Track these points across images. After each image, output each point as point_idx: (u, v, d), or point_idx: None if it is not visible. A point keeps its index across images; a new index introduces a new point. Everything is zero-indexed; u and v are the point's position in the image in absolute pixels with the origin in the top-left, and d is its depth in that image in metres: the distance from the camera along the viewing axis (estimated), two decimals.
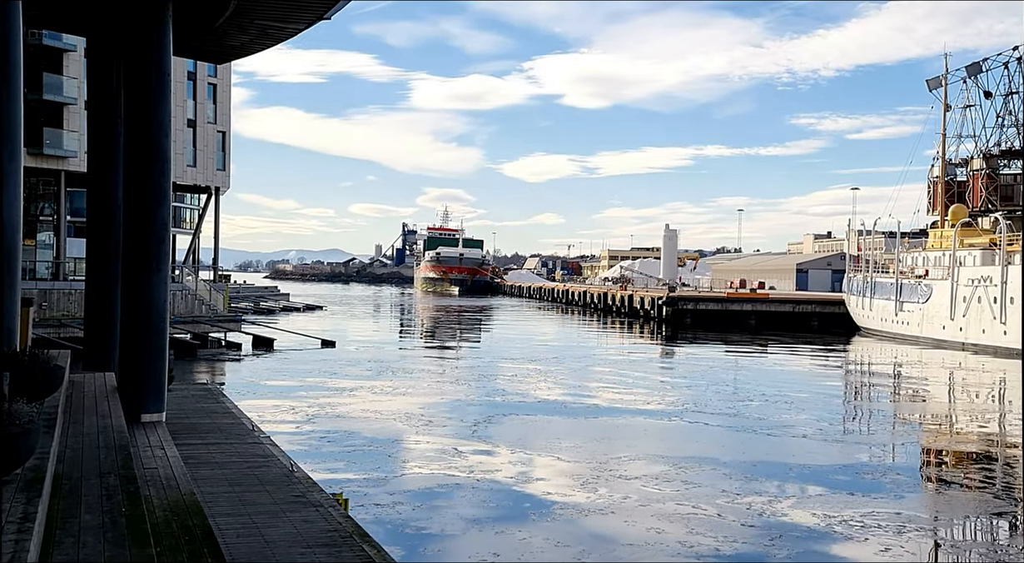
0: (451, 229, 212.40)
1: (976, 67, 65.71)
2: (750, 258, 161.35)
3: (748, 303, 75.29)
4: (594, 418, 26.20)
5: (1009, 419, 28.84)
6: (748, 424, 25.21)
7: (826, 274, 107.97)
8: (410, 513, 15.20)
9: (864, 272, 69.92)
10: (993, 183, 63.17)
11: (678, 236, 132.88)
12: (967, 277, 55.43)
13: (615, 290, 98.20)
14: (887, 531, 14.53)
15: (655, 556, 13.18)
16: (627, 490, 17.02)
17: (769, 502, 16.27)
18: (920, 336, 60.04)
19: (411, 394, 29.90)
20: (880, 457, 21.21)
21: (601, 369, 40.55)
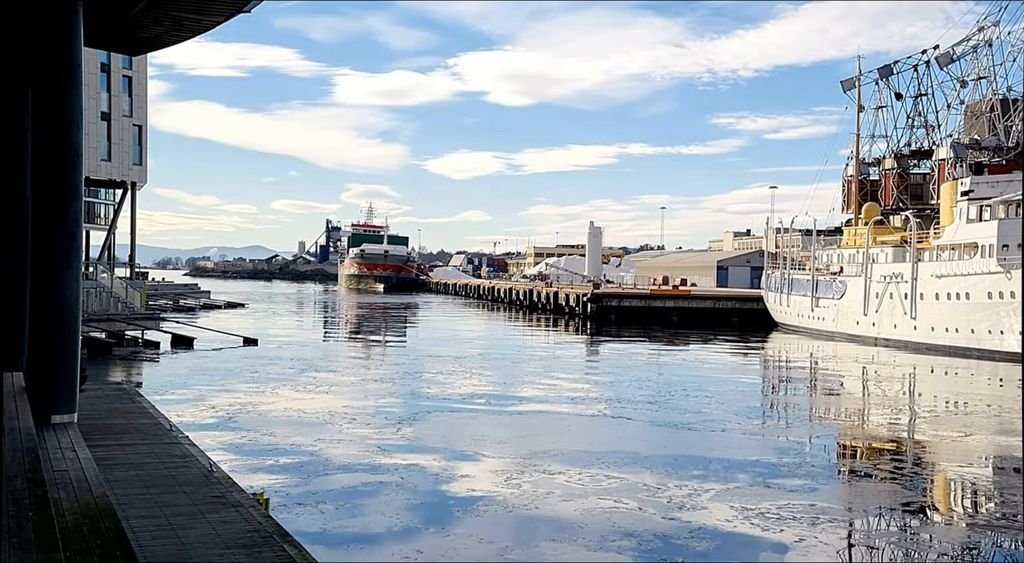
0: (376, 226, 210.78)
1: (888, 69, 67.84)
2: (673, 255, 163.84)
3: (671, 300, 76.47)
4: (519, 414, 26.31)
5: (918, 411, 29.85)
6: (669, 418, 25.61)
7: (746, 271, 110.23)
8: (333, 512, 15.06)
9: (782, 269, 71.61)
10: (904, 182, 65.34)
11: (603, 233, 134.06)
12: (879, 274, 57.20)
13: (541, 287, 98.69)
14: (802, 522, 14.91)
15: (577, 550, 13.31)
16: (551, 485, 17.14)
17: (689, 496, 16.56)
18: (835, 331, 61.75)
19: (335, 392, 29.61)
20: (796, 450, 21.74)
21: (526, 366, 40.74)
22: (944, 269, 50.45)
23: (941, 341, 50.13)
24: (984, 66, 58.26)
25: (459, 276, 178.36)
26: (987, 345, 46.83)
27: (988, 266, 46.90)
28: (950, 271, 49.83)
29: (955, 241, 50.66)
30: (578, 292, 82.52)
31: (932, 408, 30.47)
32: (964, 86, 60.73)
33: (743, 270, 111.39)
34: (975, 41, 58.78)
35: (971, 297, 47.91)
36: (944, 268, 50.51)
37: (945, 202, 54.33)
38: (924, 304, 51.94)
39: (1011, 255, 46.00)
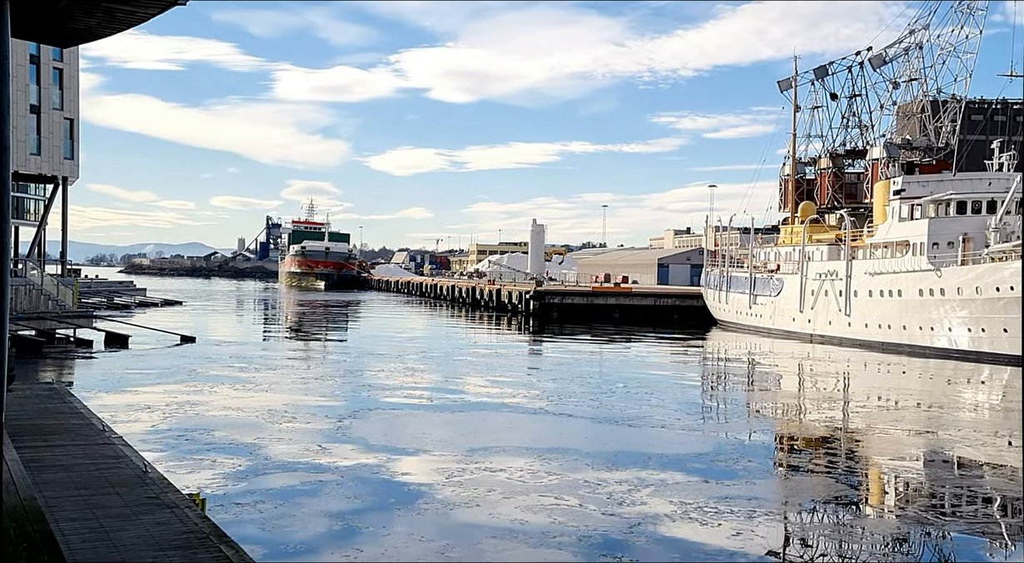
0: (317, 223, 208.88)
1: (823, 70, 69.19)
2: (614, 253, 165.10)
3: (612, 297, 77.05)
4: (461, 412, 26.28)
5: (851, 406, 30.51)
6: (610, 415, 25.81)
7: (686, 269, 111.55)
8: (272, 511, 14.88)
9: (720, 267, 72.61)
10: (839, 181, 66.71)
11: (545, 231, 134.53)
12: (815, 271, 58.33)
13: (483, 285, 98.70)
14: (739, 516, 15.15)
15: (518, 547, 13.34)
16: (492, 483, 17.15)
17: (629, 491, 16.71)
18: (772, 328, 62.82)
19: (275, 390, 29.26)
20: (734, 445, 22.07)
21: (469, 363, 40.71)
22: (877, 267, 51.63)
23: (874, 337, 51.29)
24: (915, 68, 59.72)
25: (401, 273, 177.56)
26: (918, 341, 48.05)
27: (919, 264, 48.11)
28: (882, 269, 51.01)
29: (887, 239, 51.87)
30: (521, 290, 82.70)
31: (865, 403, 31.16)
32: (896, 87, 62.19)
33: (683, 268, 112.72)
34: (906, 43, 60.24)
35: (903, 294, 49.09)
36: (877, 266, 51.69)
37: (878, 201, 55.59)
38: (858, 301, 53.09)
39: (941, 253, 47.25)
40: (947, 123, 58.31)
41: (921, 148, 58.78)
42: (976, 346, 44.47)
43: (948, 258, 46.72)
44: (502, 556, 12.95)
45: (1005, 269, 42.52)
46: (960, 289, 44.93)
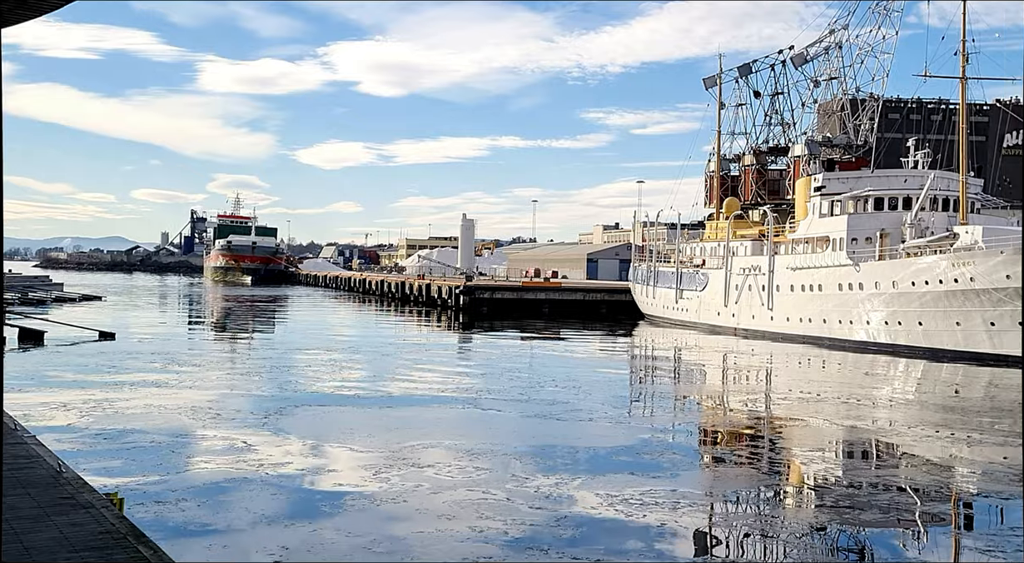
0: (243, 217, 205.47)
1: (747, 68, 70.46)
2: (544, 248, 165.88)
3: (542, 292, 77.42)
4: (389, 408, 26.14)
5: (773, 399, 31.19)
6: (539, 410, 25.94)
7: (614, 264, 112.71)
8: (195, 510, 14.62)
9: (648, 262, 73.51)
10: (762, 178, 68.03)
11: (475, 226, 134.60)
12: (739, 266, 59.42)
13: (413, 279, 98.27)
14: (663, 507, 15.37)
15: (446, 541, 13.34)
16: (419, 478, 17.11)
17: (556, 485, 16.82)
18: (698, 322, 63.85)
19: (198, 387, 28.71)
20: (659, 438, 22.38)
21: (397, 359, 40.51)
22: (798, 262, 52.82)
23: (795, 331, 52.50)
24: (835, 67, 61.21)
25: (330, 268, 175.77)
26: (838, 335, 49.31)
27: (839, 259, 49.35)
28: (803, 264, 52.20)
29: (809, 235, 53.09)
30: (450, 284, 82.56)
31: (786, 395, 31.87)
32: (817, 86, 63.67)
33: (612, 263, 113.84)
34: (827, 43, 61.70)
35: (823, 289, 50.32)
36: (798, 261, 52.88)
37: (800, 197, 56.83)
38: (780, 295, 54.25)
39: (860, 248, 48.53)
40: (865, 121, 59.92)
41: (841, 145, 60.30)
42: (893, 339, 45.82)
43: (866, 253, 48.02)
44: (429, 551, 12.93)
45: (920, 264, 43.89)
46: (877, 283, 46.24)
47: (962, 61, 46.43)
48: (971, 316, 41.64)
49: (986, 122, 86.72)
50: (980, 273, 40.33)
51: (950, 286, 41.84)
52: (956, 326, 42.47)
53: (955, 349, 42.51)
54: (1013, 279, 39.01)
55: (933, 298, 42.96)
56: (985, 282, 40.21)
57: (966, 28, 46.21)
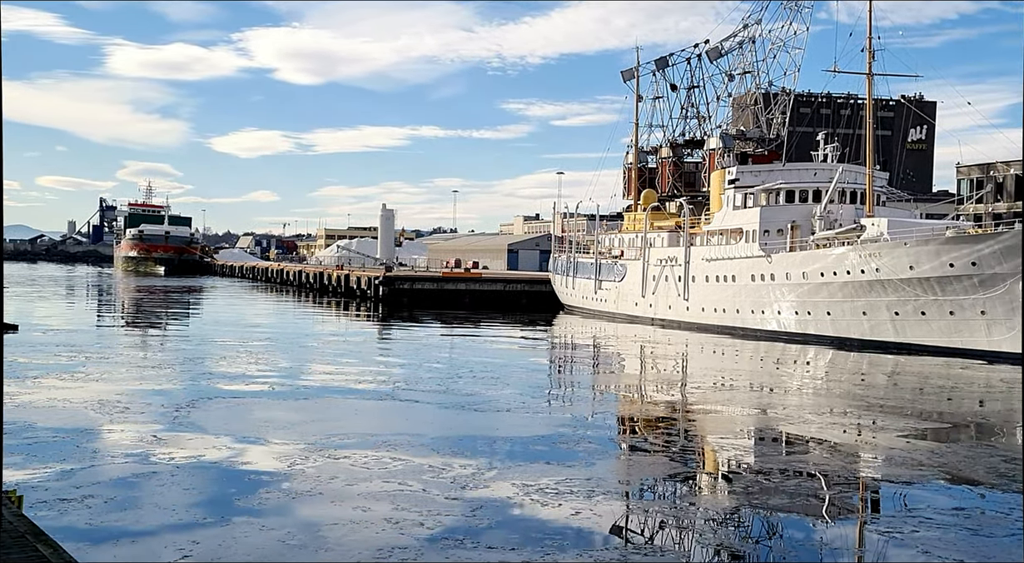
0: (155, 205, 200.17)
1: (664, 61, 71.35)
2: (465, 238, 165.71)
3: (463, 282, 77.35)
4: (305, 399, 25.83)
5: (688, 388, 31.78)
6: (457, 400, 25.95)
7: (535, 254, 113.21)
8: (101, 507, 14.23)
9: (568, 253, 74.05)
10: (679, 170, 69.08)
11: (395, 216, 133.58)
12: (656, 257, 60.31)
13: (331, 270, 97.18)
14: (578, 496, 15.54)
15: (360, 532, 13.25)
16: (335, 470, 16.96)
17: (473, 475, 16.86)
18: (616, 312, 64.62)
19: (107, 380, 27.91)
20: (576, 427, 22.59)
21: (315, 350, 40.05)
22: (713, 253, 53.85)
23: (711, 321, 53.55)
24: (748, 62, 62.46)
25: (247, 258, 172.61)
26: (751, 324, 50.45)
27: (751, 250, 50.46)
28: (718, 255, 53.25)
29: (723, 227, 54.15)
30: (370, 275, 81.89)
31: (700, 384, 32.52)
32: (731, 80, 64.85)
33: (532, 253, 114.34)
34: (740, 38, 62.90)
35: (737, 279, 51.42)
36: (713, 252, 53.91)
37: (714, 190, 57.88)
38: (696, 286, 55.26)
39: (771, 240, 49.69)
40: (777, 115, 61.33)
41: (754, 139, 61.62)
42: (803, 328, 47.09)
43: (778, 245, 49.19)
44: (344, 544, 12.84)
45: (828, 255, 45.16)
46: (788, 274, 47.43)
47: (868, 58, 47.85)
48: (877, 306, 43.03)
49: (892, 117, 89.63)
50: (885, 264, 41.69)
51: (857, 277, 43.16)
52: (863, 316, 43.85)
53: (861, 338, 43.90)
54: (916, 270, 40.43)
55: (841, 289, 44.26)
56: (890, 273, 41.57)
57: (872, 26, 47.66)
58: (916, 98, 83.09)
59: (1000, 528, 14.22)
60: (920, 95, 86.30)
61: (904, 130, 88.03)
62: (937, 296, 40.47)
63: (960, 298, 39.77)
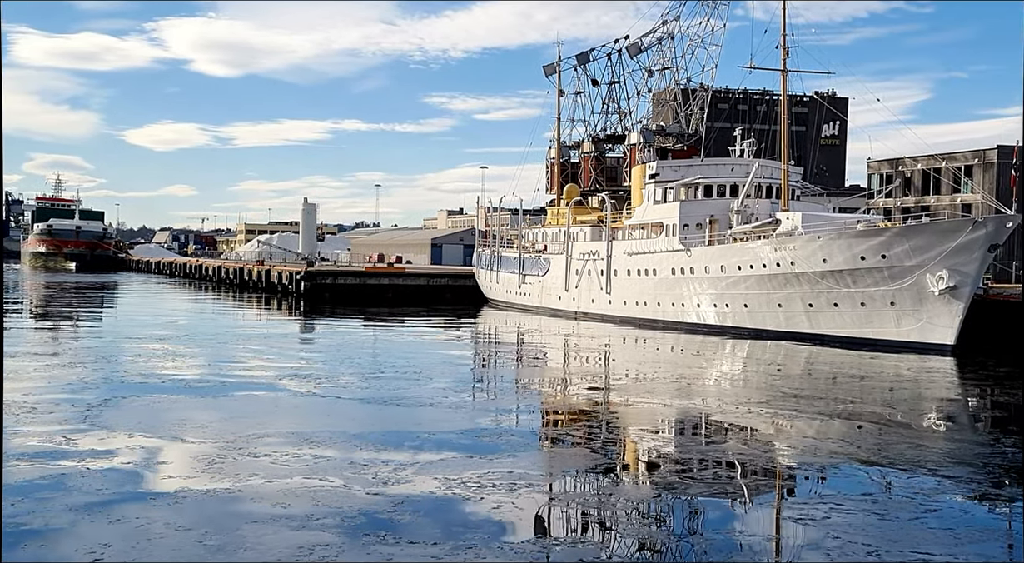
0: (65, 199, 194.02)
1: (585, 56, 71.79)
2: (388, 233, 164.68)
3: (386, 277, 76.81)
4: (224, 397, 25.37)
5: (611, 380, 32.14)
6: (380, 395, 25.79)
7: (459, 249, 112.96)
8: (8, 510, 13.75)
9: (491, 247, 74.12)
10: (601, 165, 69.65)
11: (317, 210, 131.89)
12: (579, 251, 60.79)
13: (252, 265, 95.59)
14: (500, 489, 15.59)
15: (279, 531, 13.07)
16: (255, 468, 16.70)
17: (395, 470, 16.77)
18: (540, 306, 64.96)
19: (12, 380, 26.93)
20: (499, 421, 22.66)
21: (234, 346, 39.34)
22: (634, 247, 54.50)
23: (632, 314, 54.21)
24: (668, 57, 63.24)
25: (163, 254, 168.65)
26: (671, 317, 51.24)
27: (671, 244, 51.21)
28: (639, 249, 53.92)
29: (644, 221, 54.83)
30: (291, 270, 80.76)
31: (622, 377, 32.92)
32: (651, 75, 65.60)
33: (456, 248, 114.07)
34: (660, 34, 63.63)
35: (657, 273, 52.15)
36: (634, 246, 54.57)
37: (636, 184, 58.52)
38: (618, 280, 55.87)
39: (691, 234, 50.49)
40: (696, 111, 62.30)
41: (674, 134, 62.46)
42: (721, 321, 48.01)
43: (697, 239, 50.03)
44: (263, 542, 12.65)
45: (745, 249, 46.11)
46: (707, 268, 48.29)
47: (783, 55, 48.90)
48: (792, 298, 44.12)
49: (806, 113, 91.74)
50: (800, 257, 42.75)
51: (773, 270, 44.16)
52: (778, 308, 44.91)
53: (777, 329, 44.96)
54: (829, 263, 41.55)
55: (757, 281, 45.24)
56: (804, 266, 42.66)
57: (786, 23, 48.72)
58: (829, 94, 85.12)
59: (905, 512, 14.73)
60: (833, 92, 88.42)
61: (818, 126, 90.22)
62: (849, 288, 41.67)
63: (871, 290, 41.03)
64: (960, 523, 14.26)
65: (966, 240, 37.88)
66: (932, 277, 38.81)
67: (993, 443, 21.40)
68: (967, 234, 37.89)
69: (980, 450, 20.50)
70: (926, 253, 38.75)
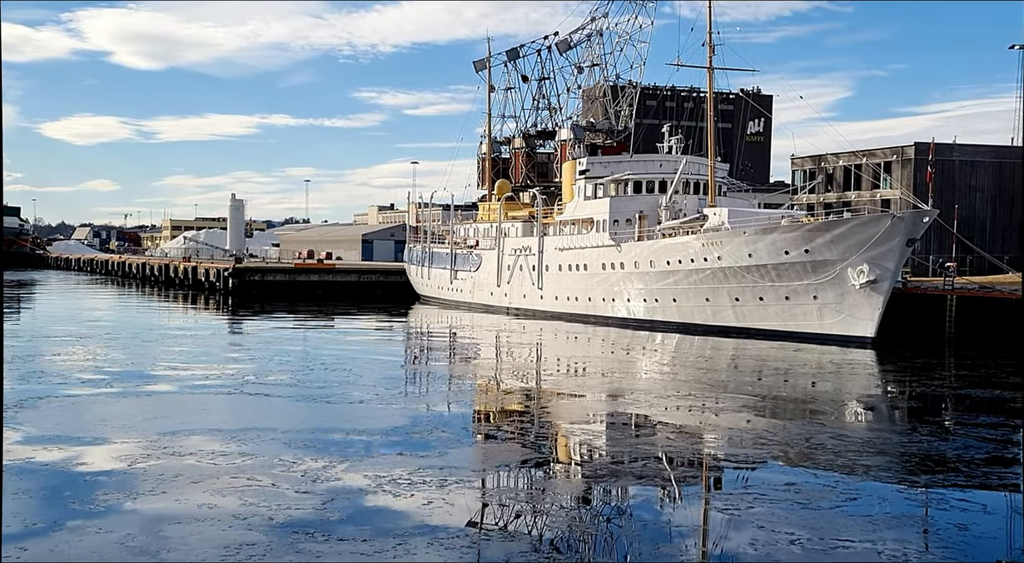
0: None
1: (515, 52, 71.93)
2: (318, 229, 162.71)
3: (316, 274, 76.06)
4: (148, 396, 24.84)
5: (542, 375, 32.30)
6: (309, 393, 25.52)
7: (390, 245, 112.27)
8: None
9: (423, 243, 73.85)
10: (532, 161, 69.86)
11: (245, 206, 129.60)
12: (511, 247, 60.93)
13: (177, 262, 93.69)
14: (431, 486, 15.55)
15: (205, 531, 12.84)
16: (180, 468, 16.38)
17: (324, 468, 16.62)
18: (472, 302, 64.95)
19: None
20: (430, 417, 22.61)
21: (159, 345, 38.51)
22: (565, 243, 54.84)
23: (563, 309, 54.55)
24: (597, 54, 63.71)
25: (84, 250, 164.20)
26: (602, 312, 51.70)
27: (602, 240, 51.66)
28: (570, 245, 54.26)
29: (575, 217, 55.19)
30: (219, 267, 79.37)
31: (553, 372, 33.14)
32: (581, 72, 66.02)
33: (388, 244, 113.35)
34: (589, 30, 64.06)
35: (588, 268, 52.55)
36: (565, 242, 54.90)
37: (566, 180, 58.91)
38: (549, 275, 56.16)
39: (621, 230, 50.98)
40: (625, 107, 62.90)
41: (603, 130, 62.99)
42: (650, 315, 48.61)
43: (627, 234, 50.54)
44: (188, 543, 12.41)
45: (674, 244, 46.74)
46: (637, 263, 48.83)
47: (709, 53, 49.67)
48: (719, 293, 44.87)
49: (732, 110, 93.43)
50: (726, 252, 43.49)
51: (700, 265, 44.86)
52: (706, 302, 45.64)
53: (705, 324, 45.69)
54: (754, 258, 42.36)
55: (686, 276, 45.90)
56: (731, 261, 43.41)
57: (712, 21, 49.50)
58: (754, 92, 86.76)
59: (826, 501, 15.12)
60: (758, 89, 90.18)
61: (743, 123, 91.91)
62: (774, 282, 42.54)
63: (795, 284, 41.95)
64: (879, 511, 14.68)
65: (885, 235, 38.96)
66: (853, 271, 39.83)
67: (910, 433, 22.08)
68: (886, 229, 38.98)
69: (898, 440, 21.14)
70: (847, 248, 39.75)
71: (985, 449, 19.53)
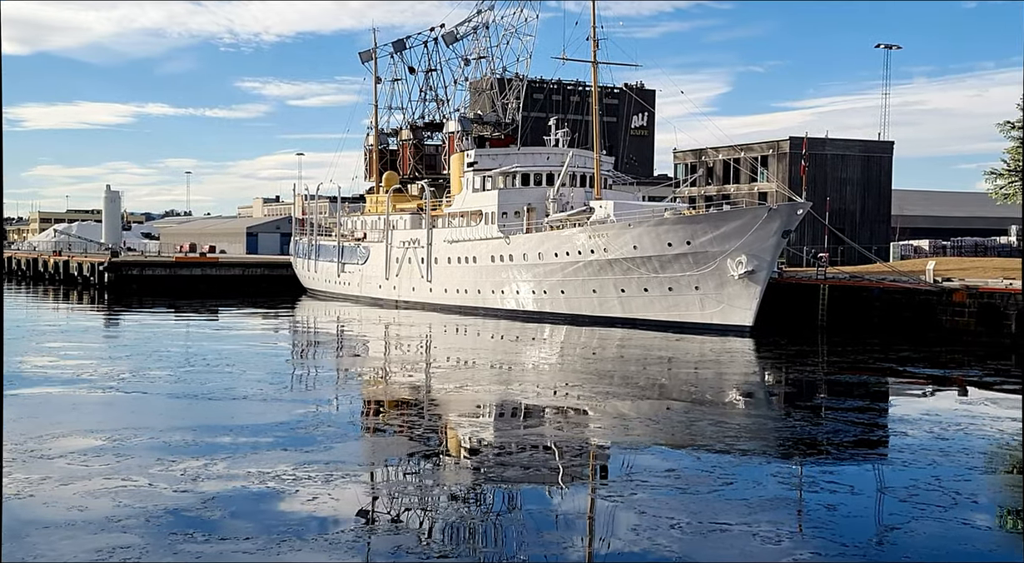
0: None
1: (401, 44, 71.35)
2: (201, 222, 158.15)
3: (198, 268, 74.02)
4: (15, 397, 23.65)
5: (431, 368, 32.21)
6: (190, 390, 24.80)
7: (276, 238, 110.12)
8: None
9: (309, 235, 72.62)
10: (419, 153, 69.51)
11: (122, 198, 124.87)
12: (399, 240, 60.50)
13: (48, 256, 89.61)
14: (316, 481, 15.34)
15: (76, 535, 12.34)
16: (48, 471, 15.69)
17: (205, 466, 16.19)
18: (360, 295, 64.26)
19: None
20: (316, 412, 22.28)
21: (26, 343, 36.75)
22: (454, 235, 54.78)
23: (453, 301, 54.51)
24: (483, 47, 63.75)
25: None
26: (491, 304, 51.89)
27: (490, 232, 51.80)
28: (459, 237, 54.24)
29: (464, 209, 55.18)
30: (93, 261, 76.28)
31: (443, 364, 33.06)
32: (468, 64, 65.97)
33: (273, 237, 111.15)
34: (475, 23, 64.05)
35: (477, 261, 52.64)
36: (454, 234, 54.84)
37: (455, 173, 58.80)
38: (438, 268, 56.02)
39: (509, 222, 51.22)
40: (512, 100, 63.19)
41: (491, 123, 63.13)
42: (539, 307, 49.05)
43: (515, 227, 50.82)
44: (57, 547, 11.91)
45: (561, 236, 47.27)
46: (525, 255, 49.17)
47: (593, 47, 50.33)
48: (605, 284, 45.61)
49: (617, 104, 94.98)
50: (612, 245, 44.24)
51: (587, 257, 45.50)
52: (593, 293, 46.34)
53: (592, 315, 46.38)
54: (639, 250, 43.21)
55: (573, 268, 46.49)
56: (616, 253, 44.18)
57: (596, 16, 50.16)
58: (638, 86, 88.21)
59: (705, 486, 15.57)
60: (641, 83, 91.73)
61: (627, 117, 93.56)
62: (658, 274, 43.50)
63: (677, 275, 42.99)
64: (754, 494, 15.20)
65: (762, 226, 40.30)
66: (732, 262, 41.06)
67: (785, 418, 22.94)
68: (763, 221, 40.32)
69: (773, 425, 21.95)
70: (726, 239, 40.95)
71: (853, 433, 20.46)
